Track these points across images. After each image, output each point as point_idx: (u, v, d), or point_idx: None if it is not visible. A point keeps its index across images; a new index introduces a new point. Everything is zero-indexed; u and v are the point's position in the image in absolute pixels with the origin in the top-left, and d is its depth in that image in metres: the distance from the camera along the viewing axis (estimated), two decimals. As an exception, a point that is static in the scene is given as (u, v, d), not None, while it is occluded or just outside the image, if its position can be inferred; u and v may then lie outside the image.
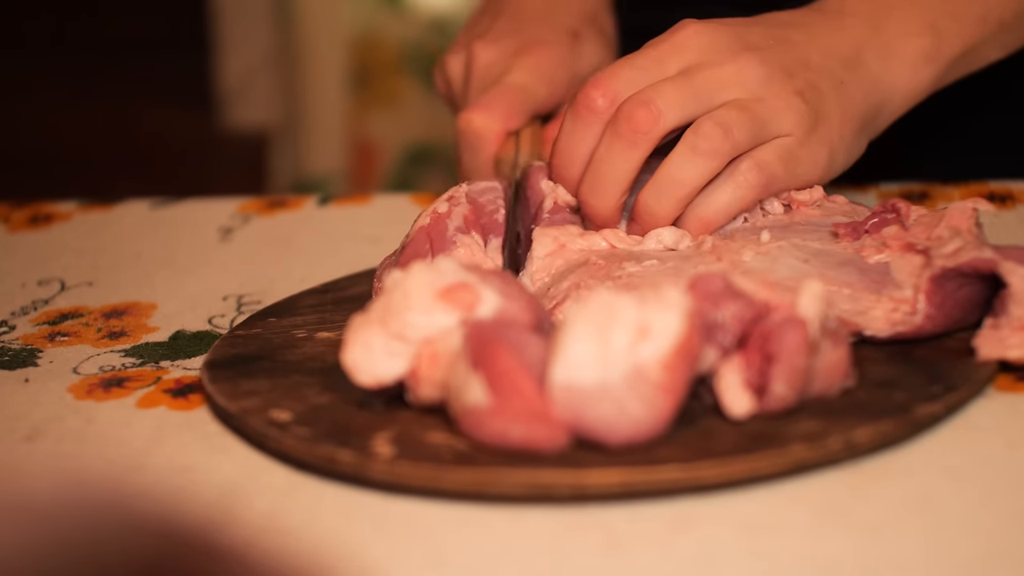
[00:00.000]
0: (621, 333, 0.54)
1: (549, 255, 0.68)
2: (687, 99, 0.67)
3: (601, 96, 0.68)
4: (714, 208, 0.68)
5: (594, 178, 0.68)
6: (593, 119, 0.68)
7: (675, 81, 0.68)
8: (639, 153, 0.67)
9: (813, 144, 0.69)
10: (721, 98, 0.68)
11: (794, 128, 0.68)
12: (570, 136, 0.69)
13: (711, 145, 0.66)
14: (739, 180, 0.67)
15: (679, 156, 0.67)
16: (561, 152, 0.70)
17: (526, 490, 0.54)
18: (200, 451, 0.60)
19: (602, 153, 0.68)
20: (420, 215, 0.68)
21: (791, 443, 0.54)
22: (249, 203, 0.94)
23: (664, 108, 0.67)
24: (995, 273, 0.61)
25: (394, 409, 0.59)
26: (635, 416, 0.54)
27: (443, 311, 0.56)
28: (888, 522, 0.52)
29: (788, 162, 0.68)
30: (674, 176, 0.67)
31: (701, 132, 0.66)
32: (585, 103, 0.69)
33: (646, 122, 0.66)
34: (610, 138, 0.67)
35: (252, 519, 0.55)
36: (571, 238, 0.68)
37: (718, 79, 0.68)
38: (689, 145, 0.66)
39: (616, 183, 0.68)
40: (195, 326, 0.74)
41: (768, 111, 0.68)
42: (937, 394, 0.58)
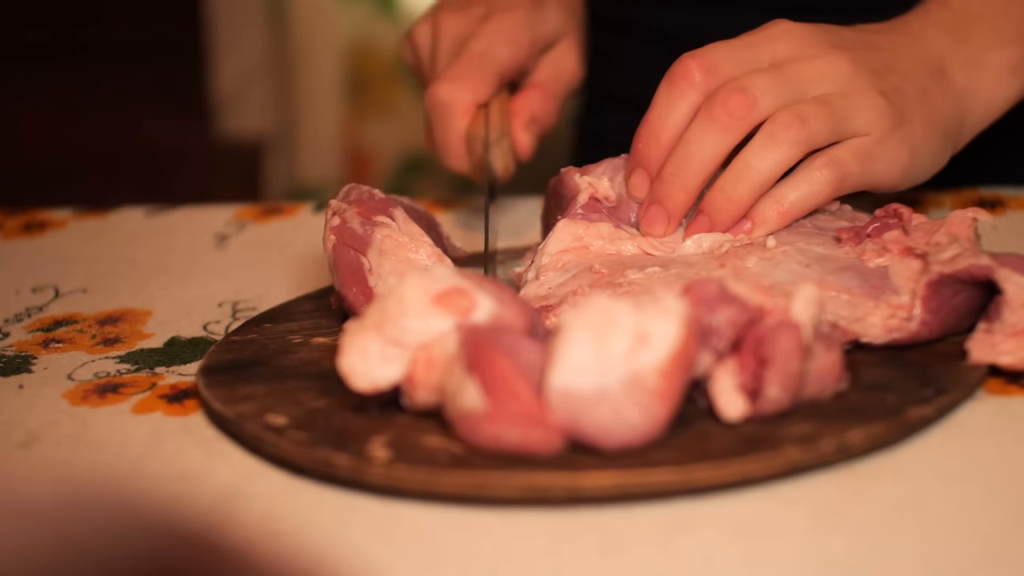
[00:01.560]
0: (619, 339, 0.54)
1: (563, 251, 0.68)
2: (779, 90, 0.68)
3: (698, 67, 0.68)
4: (788, 201, 0.68)
5: (681, 157, 0.68)
6: (688, 89, 0.68)
7: (769, 72, 0.68)
8: (731, 137, 0.67)
9: (894, 144, 0.69)
10: (810, 92, 0.68)
11: (874, 127, 0.68)
12: (663, 105, 0.69)
13: (788, 134, 0.66)
14: (814, 176, 0.68)
15: (757, 144, 0.67)
16: (654, 121, 0.69)
17: (522, 493, 0.54)
18: (197, 456, 0.60)
19: (693, 134, 0.68)
20: (324, 240, 0.69)
21: (784, 445, 0.55)
22: (244, 210, 0.94)
23: (759, 96, 0.67)
24: (991, 280, 0.61)
25: (390, 413, 0.59)
26: (632, 422, 0.54)
27: (439, 316, 0.57)
28: (881, 523, 0.52)
29: (864, 160, 0.68)
30: (752, 163, 0.67)
31: (779, 121, 0.67)
32: (682, 73, 0.69)
33: (741, 108, 0.67)
34: (703, 120, 0.67)
35: (249, 523, 0.55)
36: (596, 240, 0.68)
37: (808, 72, 0.68)
38: (768, 133, 0.67)
39: (702, 165, 0.68)
40: (190, 332, 0.74)
41: (849, 108, 0.68)
42: (928, 397, 0.58)
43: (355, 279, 0.67)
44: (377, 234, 0.67)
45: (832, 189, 0.68)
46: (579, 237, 0.68)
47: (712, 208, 0.68)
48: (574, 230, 0.69)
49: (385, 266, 0.67)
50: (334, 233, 0.68)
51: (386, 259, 0.67)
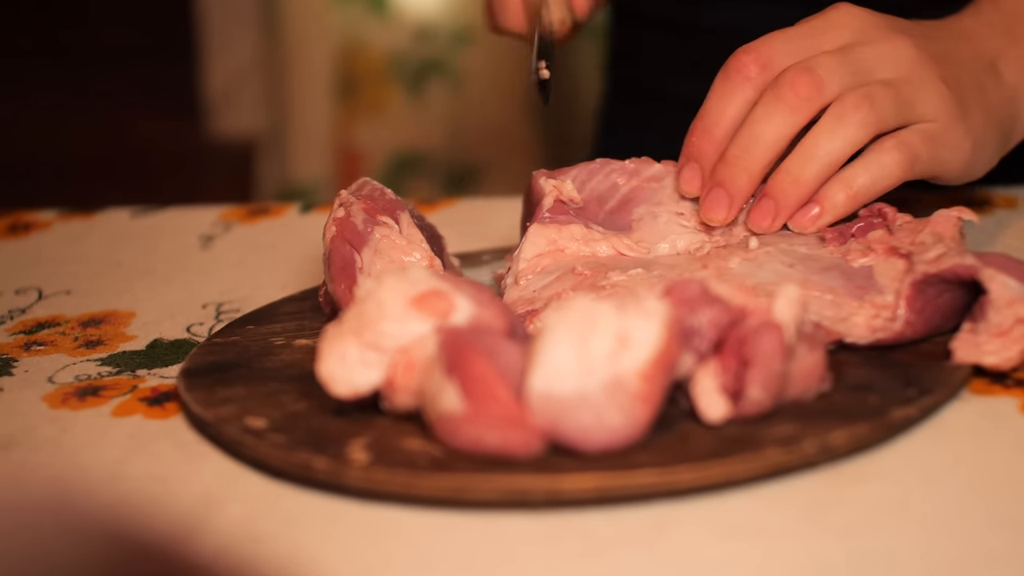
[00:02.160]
0: (600, 342, 0.54)
1: (539, 256, 0.67)
2: (846, 72, 0.67)
3: (754, 61, 0.67)
4: (858, 184, 0.67)
5: (747, 139, 0.67)
6: (745, 84, 0.68)
7: (835, 55, 0.67)
8: (799, 119, 0.66)
9: (958, 132, 0.68)
10: (875, 75, 0.67)
11: (940, 114, 0.68)
12: (718, 99, 0.68)
13: (857, 115, 0.66)
14: (883, 159, 0.67)
15: (826, 125, 0.66)
16: (708, 114, 0.68)
17: (502, 496, 0.54)
18: (176, 459, 0.60)
19: (759, 115, 0.66)
20: (325, 229, 0.68)
21: (767, 447, 0.54)
22: (231, 211, 0.94)
23: (826, 77, 0.66)
24: (976, 279, 0.61)
25: (370, 416, 0.59)
26: (612, 425, 0.54)
27: (417, 319, 0.56)
28: (864, 524, 0.52)
29: (933, 145, 0.67)
30: (820, 144, 0.66)
31: (848, 102, 0.66)
32: (737, 67, 0.68)
33: (808, 88, 0.66)
34: (770, 100, 0.66)
35: (228, 527, 0.54)
36: (570, 242, 0.68)
37: (873, 56, 0.68)
38: (836, 115, 0.66)
39: (768, 147, 0.66)
40: (173, 334, 0.74)
41: (916, 93, 0.67)
42: (912, 397, 0.58)
43: (345, 275, 0.67)
44: (376, 233, 0.67)
45: (902, 172, 0.67)
46: (553, 240, 0.68)
47: (778, 191, 0.67)
48: (547, 234, 0.68)
49: (377, 265, 0.67)
50: (335, 225, 0.68)
51: (379, 259, 0.67)
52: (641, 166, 0.71)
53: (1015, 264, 0.61)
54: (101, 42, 2.47)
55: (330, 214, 0.69)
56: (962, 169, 0.69)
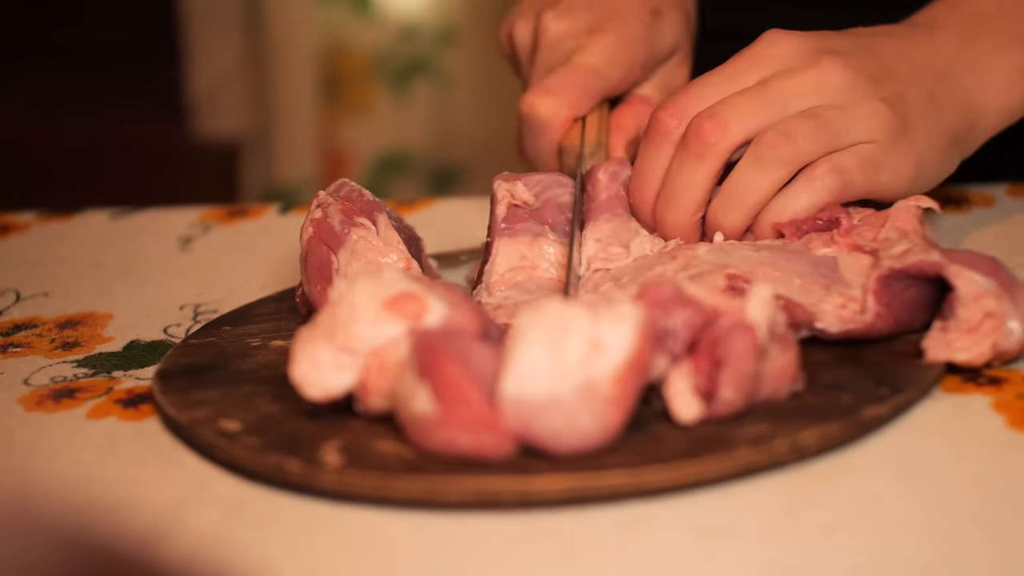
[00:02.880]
0: (573, 346, 0.54)
1: (512, 270, 0.68)
2: (758, 109, 0.66)
3: (670, 117, 0.68)
4: (788, 214, 0.66)
5: (668, 194, 0.68)
6: (665, 142, 0.68)
7: (747, 93, 0.67)
8: (708, 166, 0.66)
9: (898, 153, 0.67)
10: (796, 107, 0.66)
11: (877, 135, 0.66)
12: (644, 160, 0.69)
13: (774, 154, 0.65)
14: (815, 185, 0.66)
15: (744, 166, 0.66)
16: (637, 176, 0.69)
17: (474, 497, 0.54)
18: (150, 462, 0.60)
19: (674, 169, 0.67)
20: (303, 229, 0.68)
21: (738, 446, 0.55)
22: (210, 212, 0.94)
23: (731, 120, 0.66)
24: (941, 276, 0.61)
25: (344, 418, 0.59)
26: (585, 428, 0.54)
27: (390, 321, 0.56)
28: (835, 524, 0.52)
29: (868, 168, 0.66)
30: (740, 186, 0.66)
31: (764, 141, 0.65)
32: (656, 127, 0.68)
33: (712, 134, 0.66)
34: (680, 154, 0.67)
35: (201, 530, 0.54)
36: (541, 261, 0.68)
37: (795, 87, 0.67)
38: (753, 155, 0.66)
39: (689, 198, 0.67)
40: (150, 336, 0.74)
41: (845, 118, 0.66)
42: (884, 396, 0.58)
43: (321, 276, 0.67)
44: (353, 234, 0.67)
45: (834, 198, 0.66)
46: (524, 256, 0.68)
47: (710, 235, 0.68)
48: (518, 248, 0.68)
49: (354, 267, 0.67)
50: (313, 225, 0.68)
51: (356, 260, 0.67)
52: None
53: (981, 260, 0.62)
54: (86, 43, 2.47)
55: (307, 215, 0.69)
56: (905, 187, 0.68)
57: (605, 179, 0.71)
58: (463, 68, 1.89)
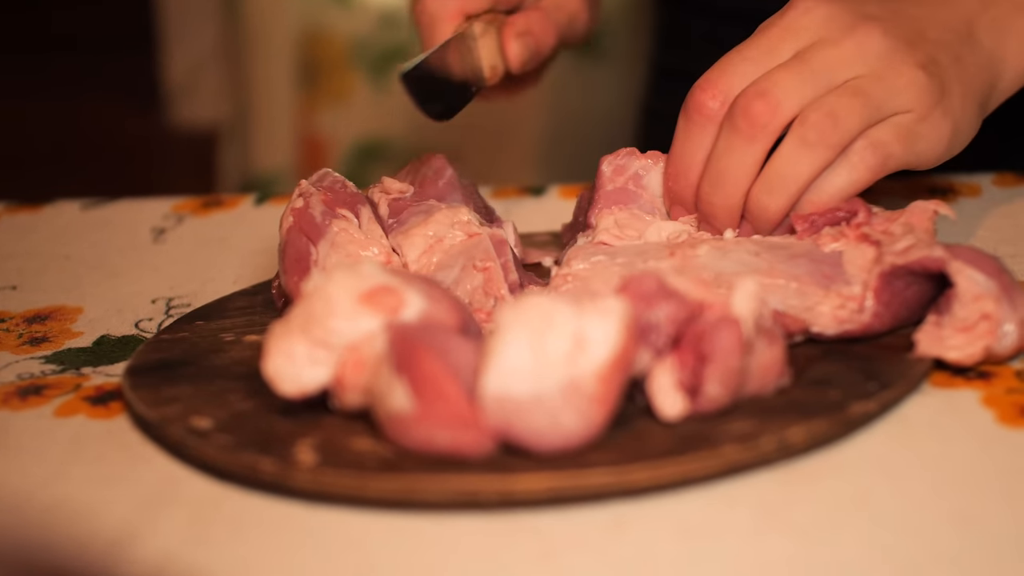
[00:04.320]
0: (557, 342, 0.52)
1: (424, 254, 0.66)
2: (805, 84, 0.64)
3: (711, 98, 0.65)
4: (828, 193, 0.64)
5: (715, 176, 0.65)
6: (707, 123, 0.65)
7: (790, 67, 0.64)
8: (760, 147, 0.64)
9: (936, 119, 0.65)
10: (841, 77, 0.64)
11: (915, 104, 0.65)
12: (684, 142, 0.66)
13: (820, 137, 0.63)
14: (853, 161, 0.64)
15: (788, 149, 0.64)
16: (677, 160, 0.67)
17: (453, 497, 0.52)
18: (118, 461, 0.58)
19: (720, 150, 0.65)
20: (282, 219, 0.67)
21: (723, 444, 0.53)
22: (183, 203, 0.92)
23: (782, 97, 0.63)
24: (943, 272, 0.60)
25: (319, 415, 0.57)
26: (568, 427, 0.53)
27: (366, 316, 0.55)
28: (822, 523, 0.51)
29: (907, 140, 0.65)
30: (784, 171, 0.64)
31: (809, 123, 0.63)
32: (696, 107, 0.65)
33: (764, 114, 0.63)
34: (728, 134, 0.64)
35: (171, 532, 0.53)
36: (445, 229, 0.66)
37: (837, 58, 0.65)
38: (798, 137, 0.63)
39: (737, 180, 0.65)
40: (121, 330, 0.72)
41: (886, 91, 0.64)
42: (872, 392, 0.57)
43: (299, 268, 0.65)
44: (334, 226, 0.65)
45: (874, 175, 0.65)
46: (428, 235, 0.66)
47: (752, 218, 0.66)
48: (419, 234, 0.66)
49: (333, 259, 0.65)
50: (293, 215, 0.66)
51: (336, 252, 0.65)
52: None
53: (983, 258, 0.60)
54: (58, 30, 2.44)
55: (288, 204, 0.67)
56: (942, 153, 0.67)
57: (609, 171, 0.69)
58: (442, 55, 1.87)
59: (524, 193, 0.90)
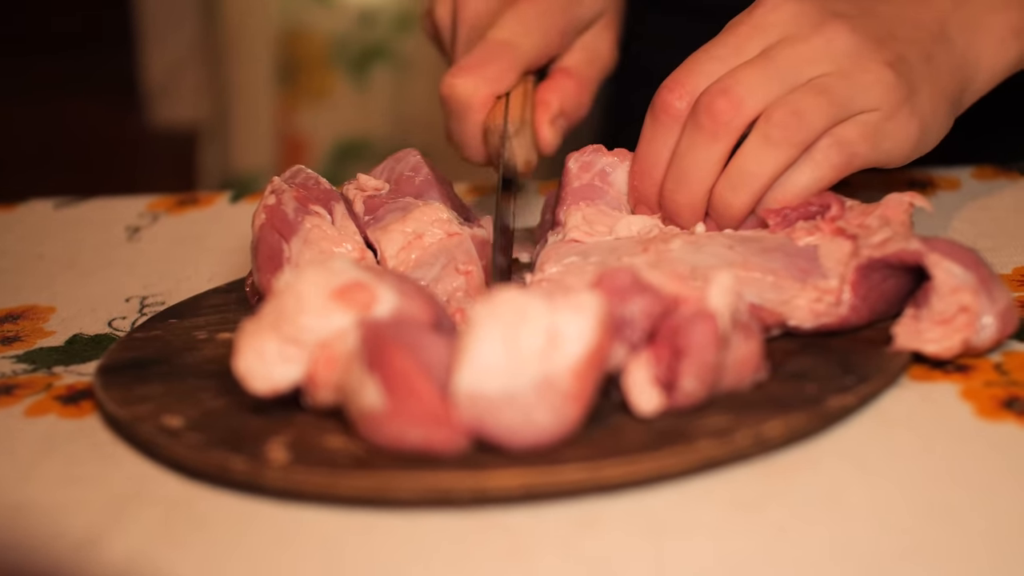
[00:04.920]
0: (531, 339, 0.51)
1: (403, 250, 0.65)
2: (770, 82, 0.63)
3: (678, 99, 0.65)
4: (792, 191, 0.64)
5: (677, 174, 0.65)
6: (672, 123, 0.65)
7: (755, 64, 0.64)
8: (722, 145, 0.64)
9: (903, 118, 0.65)
10: (807, 74, 0.64)
11: (881, 102, 0.64)
12: (650, 143, 0.66)
13: (785, 134, 0.63)
14: (817, 159, 0.64)
15: (752, 147, 0.63)
16: (642, 159, 0.66)
17: (425, 494, 0.52)
18: (89, 461, 0.58)
19: (684, 148, 0.64)
20: (255, 216, 0.66)
21: (699, 439, 0.53)
22: (158, 201, 0.91)
23: (745, 95, 0.63)
24: (921, 265, 0.60)
25: (291, 412, 0.57)
26: (541, 424, 0.52)
27: (338, 312, 0.54)
28: (798, 518, 0.50)
29: (873, 138, 0.64)
30: (748, 168, 0.63)
31: (774, 121, 0.63)
32: (663, 107, 0.65)
33: (727, 112, 0.63)
34: (691, 132, 0.64)
35: (141, 531, 0.52)
36: (425, 226, 0.66)
37: (803, 55, 0.64)
38: (762, 135, 0.63)
39: (700, 178, 0.64)
40: (94, 329, 0.71)
41: (853, 88, 0.64)
42: (849, 385, 0.56)
43: (272, 265, 0.65)
44: (307, 223, 0.65)
45: (838, 173, 0.64)
46: (406, 232, 0.66)
47: (716, 215, 0.65)
48: (397, 229, 0.66)
49: (306, 256, 0.64)
50: (265, 212, 0.65)
51: (308, 249, 0.64)
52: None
53: (960, 250, 0.60)
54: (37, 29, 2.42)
55: (261, 201, 0.67)
56: (908, 153, 0.67)
57: (576, 168, 0.69)
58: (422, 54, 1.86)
59: (501, 189, 0.89)
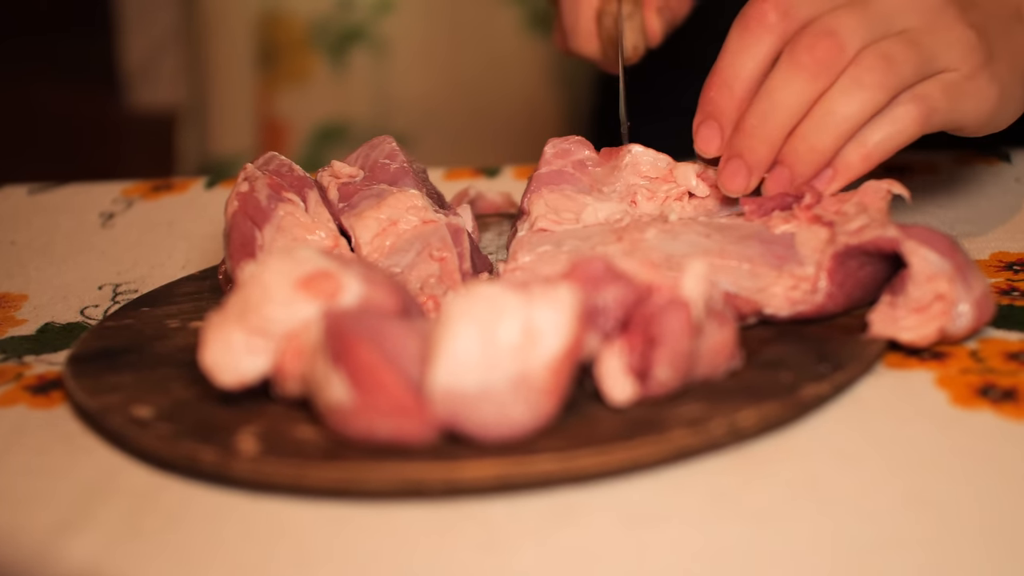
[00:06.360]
0: (507, 334, 0.51)
1: (377, 236, 0.64)
2: (867, 27, 0.63)
3: (773, 8, 0.63)
4: (872, 143, 0.63)
5: (765, 108, 0.63)
6: (765, 34, 0.63)
7: (853, 8, 0.63)
8: (819, 85, 0.62)
9: (983, 80, 0.64)
10: (898, 25, 0.63)
11: (962, 62, 0.64)
12: (736, 53, 0.64)
13: (875, 78, 0.62)
14: (898, 113, 0.63)
15: (842, 88, 0.62)
16: (724, 69, 0.64)
17: (397, 485, 0.51)
18: (58, 452, 0.57)
19: (778, 82, 0.63)
20: (228, 203, 0.66)
21: (673, 429, 0.52)
22: (133, 187, 0.91)
23: (848, 39, 0.62)
24: (897, 252, 0.59)
25: (262, 402, 0.56)
26: (516, 418, 0.51)
27: (303, 302, 0.53)
28: (774, 508, 0.50)
29: (953, 96, 0.64)
30: (836, 110, 0.62)
31: (865, 64, 0.62)
32: (756, 16, 0.63)
33: (829, 53, 0.62)
34: (788, 67, 0.62)
35: (108, 523, 0.52)
36: (400, 212, 0.65)
37: (897, 4, 0.63)
38: (852, 77, 0.62)
39: (788, 116, 0.63)
40: (66, 317, 0.71)
41: (938, 44, 0.63)
42: (825, 373, 0.56)
43: (245, 252, 0.64)
44: (280, 210, 0.64)
45: (918, 127, 0.63)
46: (381, 219, 0.65)
47: (794, 159, 0.63)
48: (371, 216, 0.65)
49: (279, 243, 0.64)
50: (238, 199, 0.65)
51: (282, 236, 0.64)
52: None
53: (937, 237, 0.60)
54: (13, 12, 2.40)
55: (233, 188, 0.66)
56: (986, 118, 0.65)
57: (551, 153, 0.68)
58: (402, 36, 1.85)
59: (478, 174, 0.89)
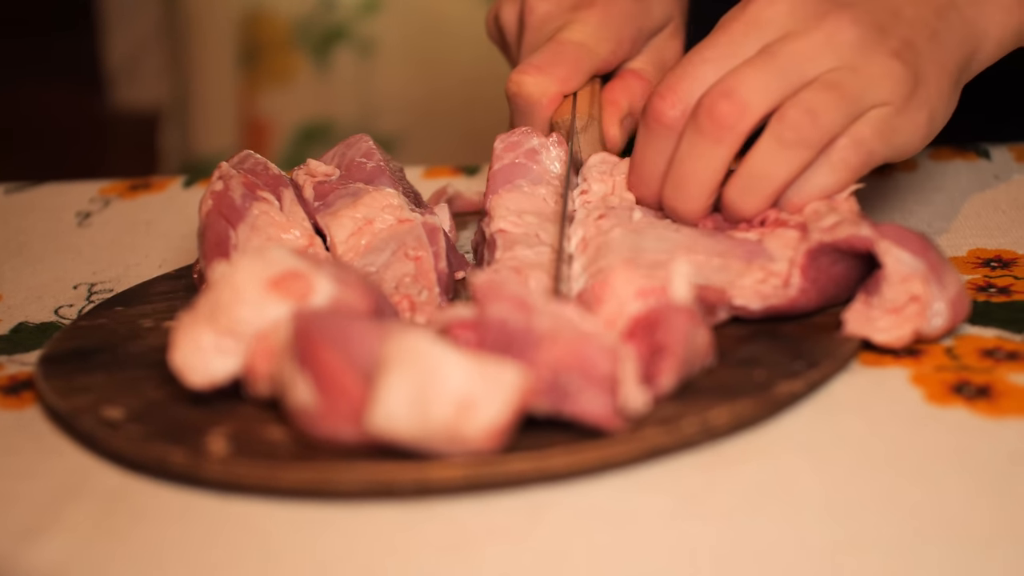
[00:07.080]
0: (439, 405, 0.49)
1: (353, 235, 0.64)
2: (773, 82, 0.60)
3: (671, 107, 0.62)
4: (810, 195, 0.61)
5: (678, 181, 0.62)
6: (665, 132, 0.62)
7: (756, 63, 0.61)
8: (725, 150, 0.61)
9: (912, 110, 0.62)
10: (812, 72, 0.61)
11: (891, 96, 0.61)
12: (644, 152, 0.64)
13: (799, 135, 0.59)
14: (835, 162, 0.61)
15: (765, 149, 0.60)
16: (637, 168, 0.64)
17: (367, 486, 0.51)
18: (28, 453, 0.56)
19: (683, 154, 0.61)
20: (202, 202, 0.65)
21: (644, 427, 0.52)
22: (111, 186, 0.90)
23: (749, 96, 0.60)
24: (871, 251, 0.59)
25: (233, 403, 0.56)
26: (460, 454, 0.51)
27: (274, 302, 0.53)
28: (746, 507, 0.50)
29: (887, 136, 0.61)
30: (761, 172, 0.60)
31: (787, 122, 0.60)
32: (655, 116, 0.62)
33: (731, 115, 0.60)
34: (692, 136, 0.61)
35: (78, 524, 0.51)
36: (375, 211, 0.65)
37: (806, 50, 0.61)
38: (775, 137, 0.60)
39: (702, 184, 0.62)
40: (40, 317, 0.70)
41: (863, 83, 0.61)
42: (798, 371, 0.56)
43: (219, 252, 0.64)
44: (255, 209, 0.64)
45: (856, 174, 0.62)
46: (356, 218, 0.65)
47: (728, 215, 0.63)
48: (347, 215, 0.65)
49: (254, 242, 0.63)
50: (212, 198, 0.64)
51: (256, 236, 0.63)
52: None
53: (910, 236, 0.59)
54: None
55: (208, 187, 0.66)
56: (920, 143, 0.64)
57: (500, 148, 0.68)
58: (386, 36, 1.85)
59: (457, 172, 0.88)
